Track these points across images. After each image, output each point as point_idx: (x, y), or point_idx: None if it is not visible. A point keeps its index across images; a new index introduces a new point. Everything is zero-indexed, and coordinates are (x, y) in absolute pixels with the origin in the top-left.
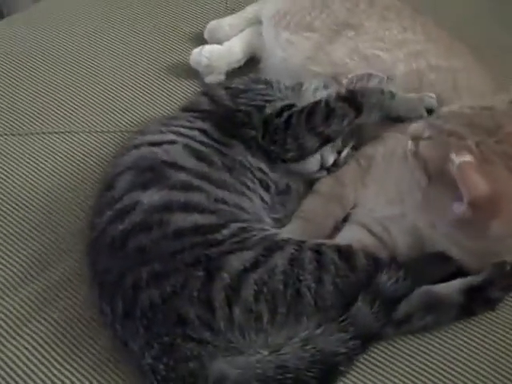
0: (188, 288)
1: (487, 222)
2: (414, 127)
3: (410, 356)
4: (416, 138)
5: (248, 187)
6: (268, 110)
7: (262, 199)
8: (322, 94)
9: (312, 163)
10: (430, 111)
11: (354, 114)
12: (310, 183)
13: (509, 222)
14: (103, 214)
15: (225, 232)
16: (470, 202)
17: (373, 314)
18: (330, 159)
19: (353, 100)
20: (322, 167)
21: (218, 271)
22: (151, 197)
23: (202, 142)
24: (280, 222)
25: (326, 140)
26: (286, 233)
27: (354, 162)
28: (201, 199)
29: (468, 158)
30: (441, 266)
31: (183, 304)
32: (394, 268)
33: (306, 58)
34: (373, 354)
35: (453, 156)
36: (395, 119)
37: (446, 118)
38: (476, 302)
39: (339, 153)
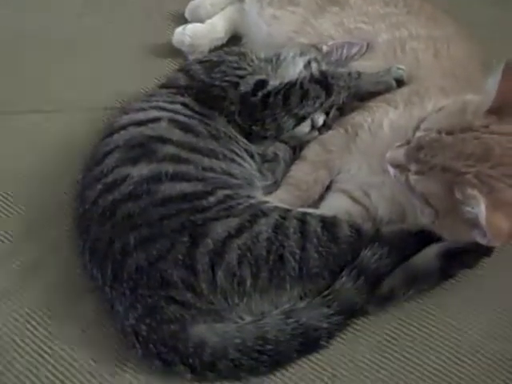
0: (173, 252)
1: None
2: (392, 156)
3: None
4: (400, 168)
5: (237, 154)
6: (242, 88)
7: (251, 165)
8: (299, 61)
9: (304, 126)
10: (399, 82)
11: (325, 96)
12: (295, 151)
13: None
14: (93, 187)
15: (211, 199)
16: (495, 239)
17: (356, 289)
18: (320, 120)
19: (324, 82)
20: (313, 127)
21: (203, 237)
22: (140, 170)
23: (185, 115)
24: (270, 188)
25: (301, 119)
26: (275, 198)
27: (341, 128)
28: (189, 169)
29: (482, 204)
30: (421, 241)
31: (168, 267)
32: (378, 244)
33: (292, 32)
34: None
35: (477, 205)
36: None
37: (428, 148)
38: (453, 264)
39: (327, 114)
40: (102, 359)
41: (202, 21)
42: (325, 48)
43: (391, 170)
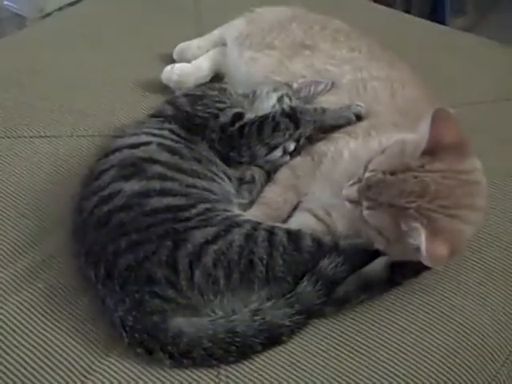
0: (158, 254)
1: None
2: (347, 193)
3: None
4: (354, 203)
5: (216, 175)
6: (222, 119)
7: (228, 185)
8: (273, 96)
9: (277, 151)
10: (358, 117)
11: (293, 128)
12: (269, 174)
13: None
14: (90, 199)
15: (193, 211)
16: (436, 264)
17: (315, 292)
18: (291, 146)
19: (293, 116)
20: (285, 153)
21: (184, 242)
22: (132, 186)
23: (172, 139)
24: (246, 207)
25: (273, 148)
26: (249, 215)
27: (308, 156)
28: (174, 186)
29: (423, 235)
30: (372, 253)
31: (153, 266)
32: (335, 254)
33: (269, 72)
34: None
35: (418, 236)
36: (331, 128)
37: (375, 186)
38: (399, 273)
39: (298, 141)
40: (92, 348)
41: (188, 61)
42: (295, 85)
43: (347, 205)
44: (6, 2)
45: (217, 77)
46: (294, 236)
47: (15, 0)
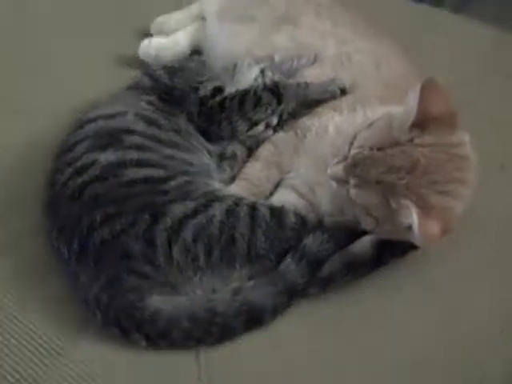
0: (135, 228)
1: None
2: (333, 172)
3: None
4: (340, 182)
5: (196, 147)
6: (201, 92)
7: (208, 160)
8: (254, 68)
9: (259, 125)
10: (342, 91)
11: (276, 103)
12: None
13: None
14: (64, 171)
15: (172, 183)
16: (428, 242)
17: (299, 271)
18: (274, 121)
19: (276, 91)
20: (268, 127)
21: (163, 216)
22: (108, 156)
23: (149, 110)
24: (227, 182)
25: (254, 124)
26: (229, 191)
27: (292, 131)
28: (152, 156)
29: (414, 213)
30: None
31: (129, 241)
32: (320, 232)
33: (250, 45)
34: None
35: (409, 214)
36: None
37: (362, 164)
38: (385, 252)
39: (281, 115)
40: (64, 328)
41: (166, 35)
42: (277, 58)
43: (333, 184)
44: None
45: (195, 52)
46: (276, 212)
47: None
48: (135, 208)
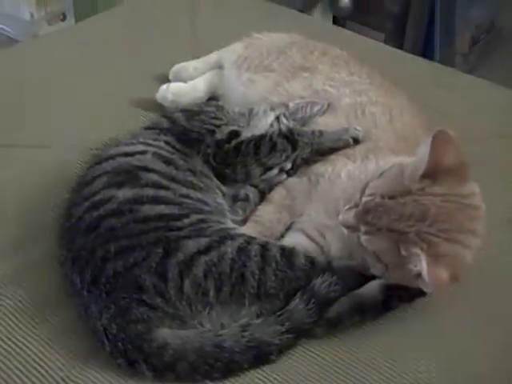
0: (148, 261)
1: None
2: (344, 218)
3: None
4: (351, 228)
5: (211, 188)
6: (218, 136)
7: (222, 201)
8: (270, 114)
9: (273, 170)
10: (355, 140)
11: (291, 150)
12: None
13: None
14: (81, 204)
15: (186, 221)
16: (437, 289)
17: (307, 311)
18: (288, 165)
19: (291, 138)
20: (282, 171)
21: (175, 251)
22: (125, 193)
23: (167, 150)
24: (239, 224)
25: (268, 169)
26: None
27: (305, 177)
28: (168, 194)
29: (423, 260)
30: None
31: (142, 273)
32: (329, 274)
33: (266, 93)
34: None
35: (419, 261)
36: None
37: (374, 211)
38: (392, 298)
39: (294, 160)
40: (71, 358)
41: (183, 82)
42: (291, 105)
43: (344, 230)
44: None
45: (212, 99)
46: (287, 252)
47: (9, 24)
48: (149, 242)
